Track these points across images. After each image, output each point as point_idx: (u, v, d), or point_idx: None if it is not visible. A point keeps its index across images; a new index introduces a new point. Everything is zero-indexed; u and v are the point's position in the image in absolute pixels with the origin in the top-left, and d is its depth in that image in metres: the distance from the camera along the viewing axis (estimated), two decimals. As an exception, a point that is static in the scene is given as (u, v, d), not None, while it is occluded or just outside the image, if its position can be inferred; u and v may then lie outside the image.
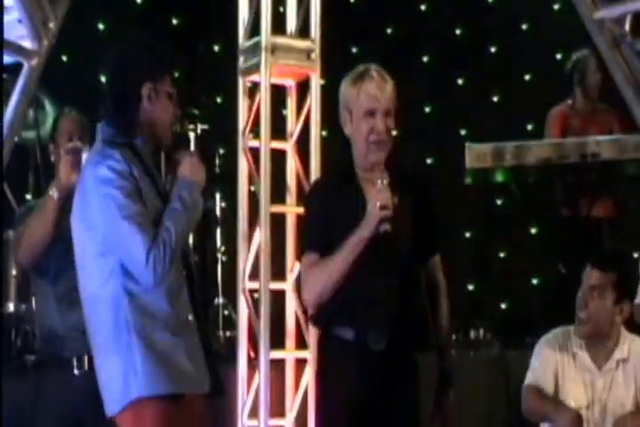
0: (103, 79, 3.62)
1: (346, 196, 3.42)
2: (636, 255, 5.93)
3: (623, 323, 3.78)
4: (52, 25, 3.25)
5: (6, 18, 3.26)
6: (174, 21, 7.73)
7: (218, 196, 6.23)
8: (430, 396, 3.42)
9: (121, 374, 3.07)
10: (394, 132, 3.47)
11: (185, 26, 7.71)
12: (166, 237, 3.08)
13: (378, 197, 3.30)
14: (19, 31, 3.25)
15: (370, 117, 3.39)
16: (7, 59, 3.26)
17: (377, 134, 3.39)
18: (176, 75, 3.38)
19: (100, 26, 7.44)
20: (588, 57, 5.73)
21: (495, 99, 7.59)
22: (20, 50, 3.17)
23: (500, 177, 5.67)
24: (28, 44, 3.22)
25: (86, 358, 3.54)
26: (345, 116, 3.46)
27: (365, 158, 3.41)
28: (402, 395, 3.33)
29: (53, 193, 3.59)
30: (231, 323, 5.86)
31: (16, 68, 3.69)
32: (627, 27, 5.27)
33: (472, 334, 5.68)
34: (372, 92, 3.41)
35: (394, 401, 3.33)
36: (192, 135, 6.07)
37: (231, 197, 6.14)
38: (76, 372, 3.58)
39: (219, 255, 6.13)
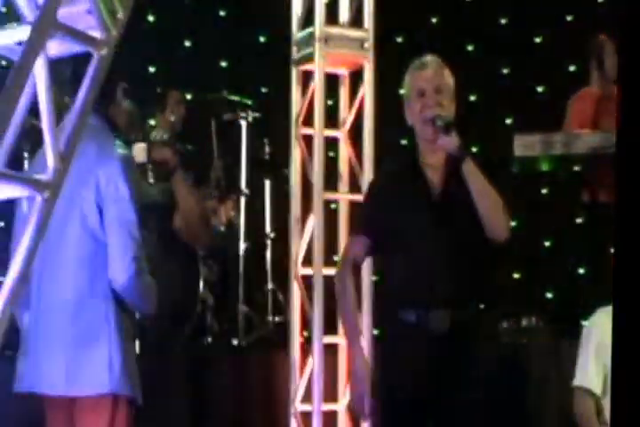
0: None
1: (407, 181, 3.50)
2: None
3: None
4: (120, 15, 3.30)
5: (75, 9, 3.33)
6: (221, 13, 7.81)
7: (267, 183, 6.31)
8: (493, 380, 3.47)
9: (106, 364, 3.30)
10: (450, 111, 3.54)
11: (232, 17, 7.79)
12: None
13: None
14: (88, 22, 3.30)
15: (421, 97, 3.50)
16: (77, 49, 3.32)
17: (429, 110, 3.48)
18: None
19: (150, 18, 7.54)
20: (604, 40, 5.74)
21: (540, 88, 7.60)
22: (89, 40, 3.23)
23: (547, 166, 5.70)
24: (97, 34, 3.28)
25: None
26: (405, 106, 3.56)
27: (424, 140, 3.49)
28: (463, 378, 3.39)
29: None
30: (280, 308, 5.94)
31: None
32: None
33: (524, 321, 5.71)
34: (422, 75, 3.53)
35: (454, 384, 3.39)
36: (244, 123, 6.17)
37: (280, 184, 6.23)
38: None
39: (268, 242, 6.21)
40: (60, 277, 3.37)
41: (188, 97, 6.65)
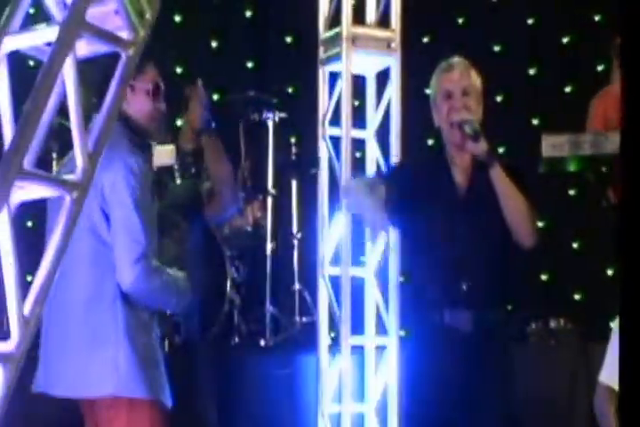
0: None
1: (434, 180, 3.50)
2: None
3: None
4: (148, 16, 3.32)
5: (103, 9, 3.34)
6: (248, 13, 7.82)
7: (294, 183, 6.31)
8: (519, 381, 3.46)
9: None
10: (477, 113, 3.54)
11: (258, 17, 7.80)
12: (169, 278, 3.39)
13: None
14: (116, 22, 3.31)
15: (449, 99, 3.51)
16: (104, 49, 3.33)
17: (456, 113, 3.48)
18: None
19: (177, 17, 7.55)
20: None
21: (567, 89, 7.57)
22: (117, 40, 3.24)
23: (575, 166, 5.67)
24: (124, 34, 3.29)
25: None
26: (432, 107, 3.56)
27: (451, 142, 3.49)
28: (489, 379, 3.39)
29: None
30: (307, 309, 5.94)
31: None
32: None
33: (552, 323, 5.69)
34: (450, 76, 3.53)
35: (480, 384, 3.39)
36: (270, 124, 6.17)
37: (306, 185, 6.24)
38: None
39: (295, 242, 6.21)
40: (70, 279, 3.38)
41: (215, 97, 6.65)
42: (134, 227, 3.37)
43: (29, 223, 6.68)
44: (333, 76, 5.04)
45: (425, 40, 7.70)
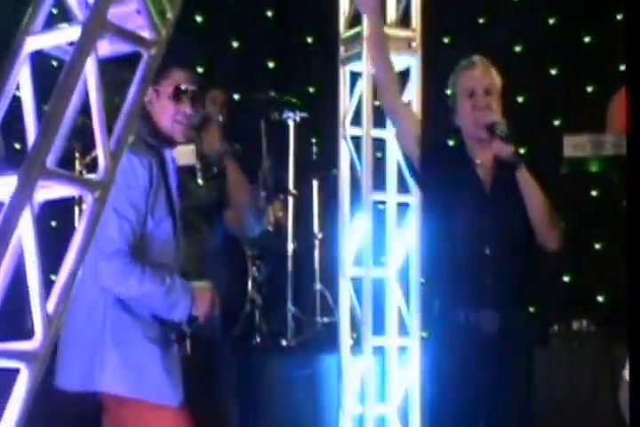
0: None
1: (459, 178, 3.49)
2: None
3: None
4: (169, 15, 3.32)
5: (125, 9, 3.34)
6: (269, 13, 7.82)
7: (315, 183, 6.30)
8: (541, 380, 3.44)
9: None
10: (498, 112, 3.53)
11: (279, 17, 7.80)
12: (149, 278, 3.35)
13: None
14: (137, 21, 3.31)
15: (471, 98, 3.50)
16: (126, 48, 3.33)
17: (481, 113, 3.47)
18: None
19: (198, 18, 7.56)
20: None
21: (589, 88, 7.54)
22: (138, 40, 3.24)
23: (597, 167, 5.64)
24: (146, 34, 3.29)
25: None
26: (451, 106, 3.55)
27: (474, 140, 3.49)
28: (511, 380, 3.37)
29: None
30: (328, 309, 5.93)
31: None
32: None
33: (575, 325, 5.66)
34: (471, 75, 3.52)
35: (502, 385, 3.37)
36: (291, 124, 6.17)
37: (327, 185, 6.23)
38: None
39: (316, 242, 6.20)
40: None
41: (236, 97, 6.65)
42: (108, 223, 3.37)
43: (53, 223, 6.70)
44: (354, 76, 5.03)
45: (446, 40, 7.67)
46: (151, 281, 3.40)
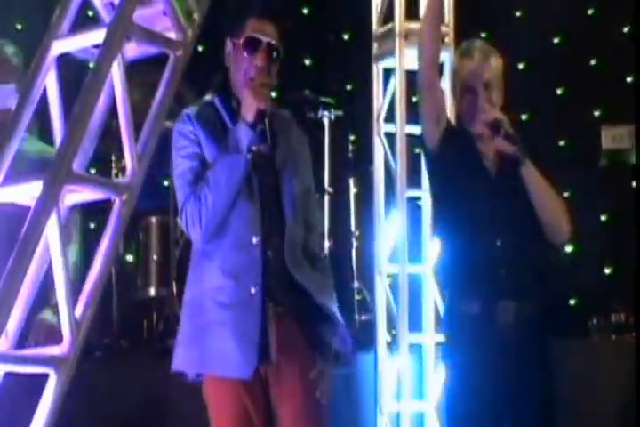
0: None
1: (467, 166, 3.49)
2: None
3: None
4: (196, 16, 3.32)
5: (151, 10, 3.35)
6: (304, 10, 7.80)
7: (351, 181, 6.28)
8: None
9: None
10: (499, 103, 3.53)
11: (315, 14, 7.78)
12: (200, 191, 3.07)
13: None
14: (164, 23, 3.31)
15: (469, 93, 3.50)
16: (152, 50, 3.34)
17: (484, 109, 3.47)
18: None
19: (231, 17, 7.56)
20: None
21: (629, 79, 7.45)
22: (165, 41, 3.24)
23: (636, 158, 5.60)
24: (172, 35, 3.29)
25: None
26: (452, 88, 3.58)
27: (475, 133, 3.50)
28: (530, 370, 3.33)
29: None
30: (366, 307, 5.91)
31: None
32: None
33: (613, 317, 5.60)
34: (469, 67, 3.51)
35: (523, 379, 3.33)
36: (326, 121, 6.16)
37: (363, 182, 6.21)
38: None
39: (353, 239, 6.19)
40: None
41: (273, 96, 6.62)
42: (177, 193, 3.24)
43: (92, 225, 6.72)
44: (388, 73, 5.01)
45: (482, 35, 7.61)
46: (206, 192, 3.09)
